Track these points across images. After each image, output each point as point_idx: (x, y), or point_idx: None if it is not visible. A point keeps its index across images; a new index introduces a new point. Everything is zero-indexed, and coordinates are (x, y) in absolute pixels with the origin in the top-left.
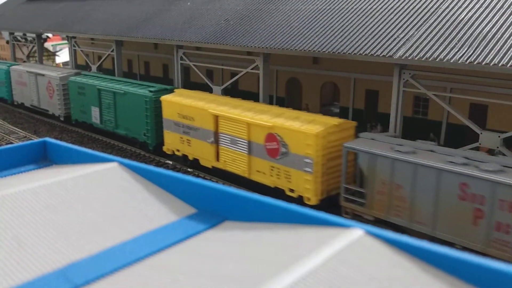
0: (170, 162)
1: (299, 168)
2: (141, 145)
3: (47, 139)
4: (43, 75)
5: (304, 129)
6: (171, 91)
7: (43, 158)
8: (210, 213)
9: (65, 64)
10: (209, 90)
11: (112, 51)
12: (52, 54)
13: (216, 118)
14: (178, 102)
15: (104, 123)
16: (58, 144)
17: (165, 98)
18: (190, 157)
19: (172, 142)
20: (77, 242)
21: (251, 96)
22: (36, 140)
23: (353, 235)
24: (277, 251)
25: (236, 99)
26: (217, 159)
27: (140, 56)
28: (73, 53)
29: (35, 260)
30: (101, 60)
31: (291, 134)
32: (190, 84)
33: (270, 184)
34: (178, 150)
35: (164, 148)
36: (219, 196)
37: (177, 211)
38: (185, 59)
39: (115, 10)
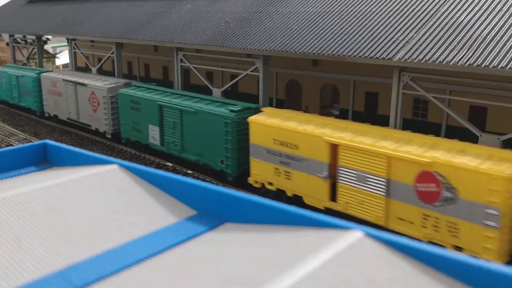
0: (170, 164)
1: (474, 220)
2: (216, 174)
3: (47, 141)
4: (85, 84)
5: (487, 169)
6: (257, 110)
7: (43, 160)
8: (210, 215)
9: (65, 66)
10: (209, 92)
11: (112, 53)
12: (52, 56)
13: (335, 147)
14: (274, 126)
15: (166, 146)
16: (58, 146)
17: (255, 120)
18: (289, 193)
19: (262, 173)
20: (77, 244)
21: (251, 98)
22: (37, 142)
23: (353, 237)
24: (277, 253)
25: (357, 123)
26: (333, 198)
27: (140, 58)
28: (73, 55)
29: (35, 262)
30: (101, 62)
31: (464, 174)
32: (190, 86)
33: (421, 238)
34: (270, 183)
35: (250, 180)
36: (219, 198)
37: (177, 213)
38: (185, 61)
39: (114, 12)
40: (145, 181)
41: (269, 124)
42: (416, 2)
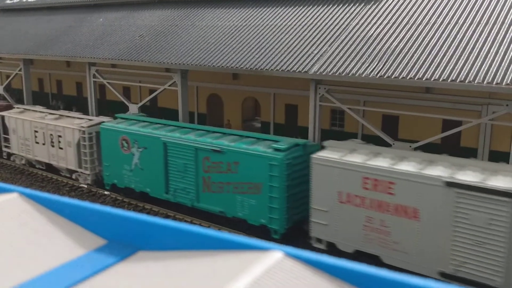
0: (85, 186)
1: None
2: None
3: None
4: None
5: None
6: None
7: None
8: (122, 243)
9: None
10: (125, 108)
11: (19, 70)
12: None
13: None
14: None
15: None
16: None
17: None
18: None
19: None
20: None
21: (171, 113)
22: None
23: (272, 259)
24: (193, 282)
25: None
26: None
27: (52, 74)
28: None
29: None
30: (8, 80)
31: None
32: (106, 102)
33: None
34: None
35: None
36: (131, 224)
37: (85, 244)
38: (98, 76)
39: (23, 27)
40: (49, 210)
41: None
42: (328, 16)
